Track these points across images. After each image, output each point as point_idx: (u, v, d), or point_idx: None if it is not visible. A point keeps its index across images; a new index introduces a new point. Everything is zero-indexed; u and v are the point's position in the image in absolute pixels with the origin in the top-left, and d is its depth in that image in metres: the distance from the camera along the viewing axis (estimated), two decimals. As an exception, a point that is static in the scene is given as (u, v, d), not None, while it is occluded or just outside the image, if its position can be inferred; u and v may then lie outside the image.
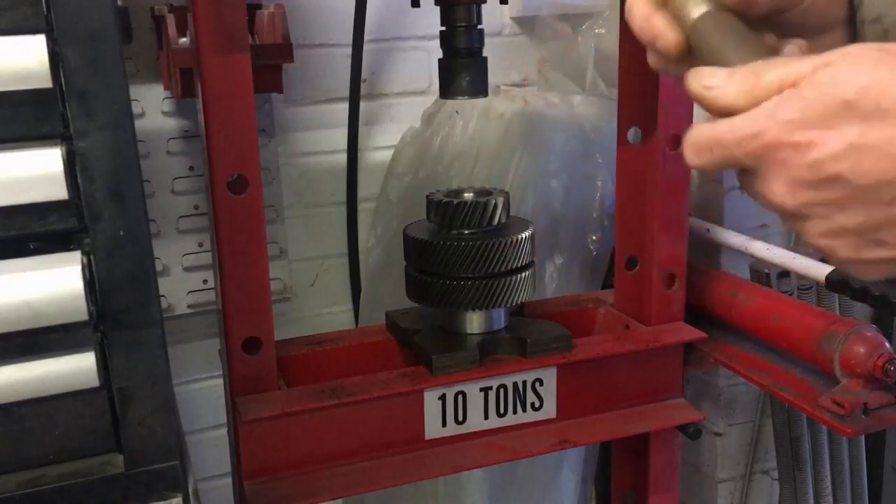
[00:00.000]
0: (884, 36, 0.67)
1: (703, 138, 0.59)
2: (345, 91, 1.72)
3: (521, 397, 1.27)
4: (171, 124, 1.62)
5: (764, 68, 0.57)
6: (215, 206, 1.08)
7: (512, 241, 1.24)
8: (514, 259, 1.25)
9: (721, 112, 0.58)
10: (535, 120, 1.66)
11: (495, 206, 1.26)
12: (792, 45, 0.63)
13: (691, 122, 1.26)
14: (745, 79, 0.57)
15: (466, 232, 1.26)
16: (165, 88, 1.57)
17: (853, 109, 0.53)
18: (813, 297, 1.72)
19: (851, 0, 0.69)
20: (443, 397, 1.23)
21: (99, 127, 0.78)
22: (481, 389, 1.25)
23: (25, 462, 0.85)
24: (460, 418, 1.25)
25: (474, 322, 1.29)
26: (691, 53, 0.64)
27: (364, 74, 1.74)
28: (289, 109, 1.72)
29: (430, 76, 1.80)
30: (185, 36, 1.44)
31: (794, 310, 1.35)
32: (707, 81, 0.59)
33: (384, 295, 1.71)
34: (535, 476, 1.79)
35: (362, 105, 1.75)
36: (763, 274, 1.67)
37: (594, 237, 1.73)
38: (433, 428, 1.24)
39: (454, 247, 1.23)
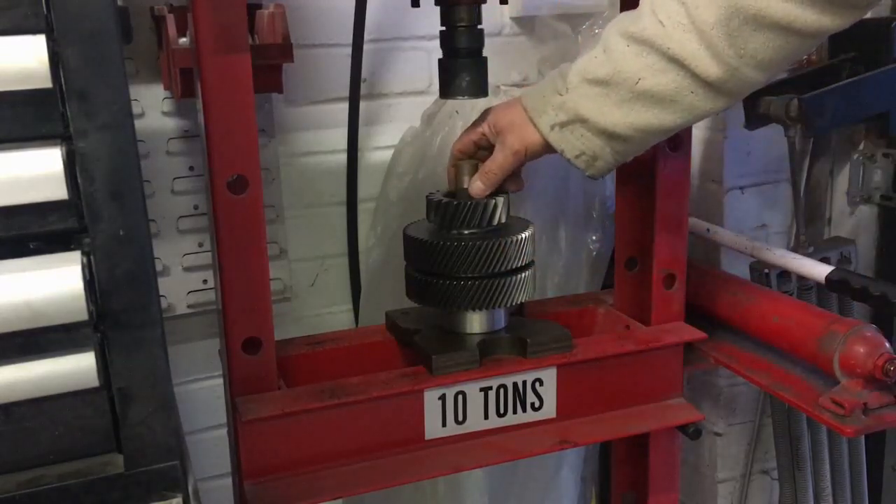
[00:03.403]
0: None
1: (488, 179, 1.26)
2: (345, 91, 1.72)
3: (521, 397, 1.27)
4: (171, 124, 1.61)
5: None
6: (215, 206, 1.08)
7: (512, 241, 1.24)
8: (515, 259, 1.25)
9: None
10: (535, 120, 1.66)
11: (495, 206, 1.26)
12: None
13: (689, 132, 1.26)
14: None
15: (466, 232, 1.26)
16: (165, 88, 1.57)
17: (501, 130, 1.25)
18: (813, 297, 1.72)
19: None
20: (443, 397, 1.23)
21: (99, 127, 0.78)
22: (481, 389, 1.25)
23: (25, 462, 0.85)
24: (460, 418, 1.25)
25: (474, 322, 1.29)
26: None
27: (364, 74, 1.74)
28: (289, 109, 1.72)
29: (430, 76, 1.80)
30: (185, 36, 1.44)
31: (794, 310, 1.35)
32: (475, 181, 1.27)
33: (384, 295, 1.70)
34: (535, 476, 1.79)
35: (362, 105, 1.75)
36: (763, 274, 1.67)
37: (594, 237, 1.73)
38: (433, 428, 1.24)
39: (454, 247, 1.23)
